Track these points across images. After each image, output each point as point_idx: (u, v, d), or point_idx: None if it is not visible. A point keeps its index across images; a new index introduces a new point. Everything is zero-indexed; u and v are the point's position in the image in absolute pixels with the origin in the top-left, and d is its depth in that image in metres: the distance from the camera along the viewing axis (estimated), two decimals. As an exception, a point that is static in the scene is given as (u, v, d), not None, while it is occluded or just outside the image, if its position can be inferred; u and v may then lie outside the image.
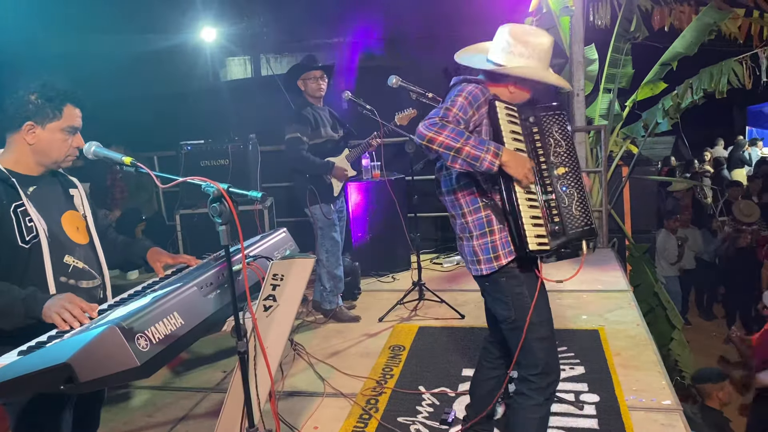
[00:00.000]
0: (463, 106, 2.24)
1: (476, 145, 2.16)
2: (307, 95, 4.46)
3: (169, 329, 1.78)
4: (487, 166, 2.16)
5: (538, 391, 2.38)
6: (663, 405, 3.09)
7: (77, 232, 2.19)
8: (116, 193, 6.45)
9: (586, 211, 2.35)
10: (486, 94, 2.30)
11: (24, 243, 2.00)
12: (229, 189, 1.89)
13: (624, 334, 3.97)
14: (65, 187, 2.26)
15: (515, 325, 2.38)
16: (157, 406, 3.53)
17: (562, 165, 2.36)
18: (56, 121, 2.09)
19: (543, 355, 2.37)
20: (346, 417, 3.19)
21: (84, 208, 2.28)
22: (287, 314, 2.32)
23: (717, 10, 6.24)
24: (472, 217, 2.39)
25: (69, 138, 2.13)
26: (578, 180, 2.38)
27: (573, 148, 2.41)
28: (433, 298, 4.67)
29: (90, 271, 2.18)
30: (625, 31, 6.65)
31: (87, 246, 2.22)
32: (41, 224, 2.04)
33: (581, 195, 2.36)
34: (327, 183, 4.45)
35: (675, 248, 7.57)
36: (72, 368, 1.58)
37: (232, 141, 5.99)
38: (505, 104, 2.32)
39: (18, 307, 1.89)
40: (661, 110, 6.63)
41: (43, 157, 2.11)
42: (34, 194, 2.09)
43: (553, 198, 2.31)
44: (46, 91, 2.07)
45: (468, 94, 2.27)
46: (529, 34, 2.34)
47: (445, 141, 2.15)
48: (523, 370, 2.43)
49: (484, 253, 2.36)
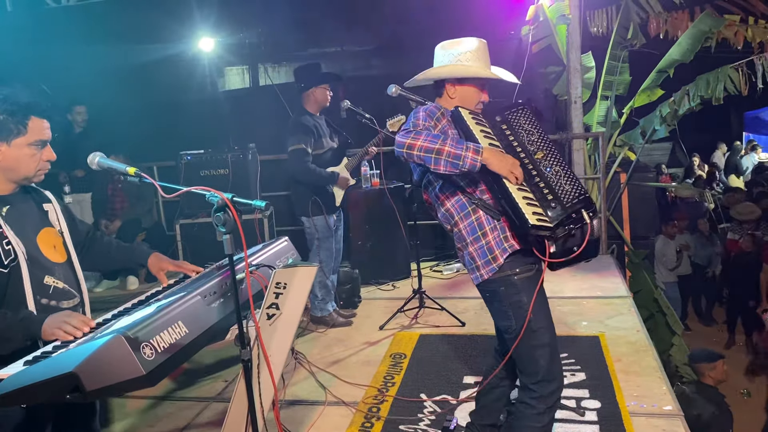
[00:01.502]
0: (425, 118, 2.36)
1: (455, 144, 2.21)
2: (310, 104, 4.44)
3: (174, 338, 1.79)
4: (470, 163, 2.19)
5: (539, 400, 2.37)
6: (664, 411, 3.10)
7: (54, 250, 2.11)
8: (116, 204, 6.46)
9: (576, 182, 2.36)
10: (441, 108, 2.42)
11: (2, 267, 1.92)
12: (233, 198, 1.90)
13: (624, 340, 3.98)
14: (39, 204, 2.16)
15: (516, 334, 2.36)
16: (158, 416, 3.53)
17: (539, 150, 2.41)
18: (21, 136, 1.97)
19: (543, 363, 2.35)
20: (348, 425, 3.19)
21: (60, 223, 2.18)
22: (290, 322, 2.33)
23: (712, 17, 6.30)
24: (464, 224, 2.41)
25: (37, 152, 2.02)
26: (559, 159, 2.41)
27: (545, 134, 2.48)
28: (433, 305, 4.68)
29: (70, 290, 2.10)
30: (622, 39, 6.70)
31: (65, 264, 2.13)
32: (20, 247, 1.96)
33: (566, 171, 2.38)
34: (330, 193, 4.46)
35: (674, 254, 7.59)
36: (78, 377, 1.58)
37: (232, 150, 6.00)
38: (468, 110, 2.42)
39: (17, 331, 1.86)
40: (658, 117, 6.67)
41: (13, 175, 2.02)
42: (9, 214, 2.00)
43: (541, 180, 2.33)
44: (7, 106, 1.96)
45: (423, 110, 2.39)
46: (455, 42, 2.50)
47: (424, 144, 2.21)
48: (524, 378, 2.42)
49: (481, 257, 2.37)
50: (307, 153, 4.30)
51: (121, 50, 7.76)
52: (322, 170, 4.37)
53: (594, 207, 2.35)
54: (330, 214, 4.46)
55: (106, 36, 7.63)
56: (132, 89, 8.19)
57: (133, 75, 8.19)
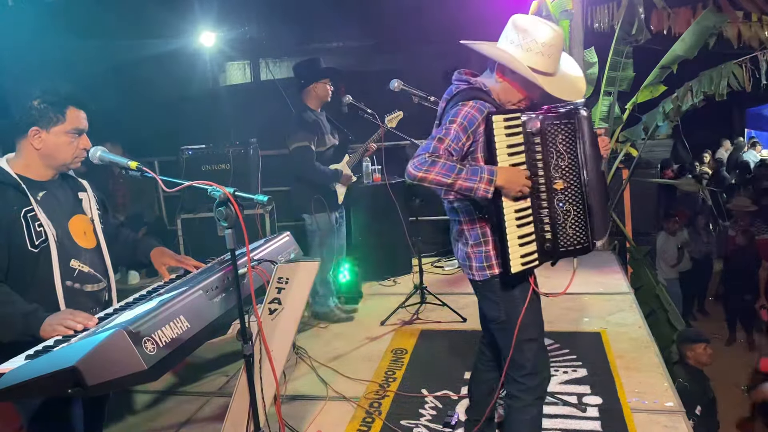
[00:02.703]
0: (457, 134, 2.16)
1: (468, 177, 2.11)
2: (311, 99, 4.42)
3: (176, 333, 1.79)
4: (482, 194, 2.12)
5: (527, 392, 2.40)
6: (665, 407, 3.10)
7: (84, 236, 2.22)
8: (118, 198, 6.45)
9: (582, 229, 2.29)
10: (484, 111, 2.18)
11: (33, 247, 2.04)
12: (235, 193, 1.90)
13: (626, 337, 3.97)
14: (74, 191, 2.29)
15: (504, 325, 2.39)
16: (160, 410, 3.53)
17: (561, 179, 2.26)
18: (60, 124, 2.12)
19: (531, 356, 2.38)
20: (349, 420, 3.20)
21: (92, 211, 2.31)
22: (292, 317, 2.33)
23: (716, 13, 6.26)
24: (467, 227, 2.38)
25: (75, 140, 2.16)
26: (577, 196, 2.29)
27: (576, 161, 2.29)
28: (434, 301, 4.68)
29: (95, 274, 2.21)
30: (626, 35, 6.66)
31: (93, 250, 2.24)
32: (50, 229, 2.08)
33: (578, 212, 2.29)
34: (332, 190, 4.45)
35: (674, 251, 7.58)
36: (79, 372, 1.58)
37: (233, 145, 5.99)
38: (504, 115, 2.18)
39: (17, 322, 1.91)
40: (661, 113, 6.63)
41: (52, 161, 2.15)
42: (44, 199, 2.12)
43: (547, 215, 2.25)
44: (48, 96, 2.11)
45: (464, 119, 2.17)
46: (530, 23, 2.24)
47: (436, 178, 2.10)
48: (511, 371, 2.43)
49: (477, 261, 2.36)
50: (311, 151, 4.28)
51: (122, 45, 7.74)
52: (326, 168, 4.36)
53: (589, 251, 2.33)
54: (332, 212, 4.45)
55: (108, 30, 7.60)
56: (133, 84, 8.18)
57: (135, 69, 8.17)
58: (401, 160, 5.50)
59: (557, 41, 2.24)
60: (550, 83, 2.26)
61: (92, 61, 7.34)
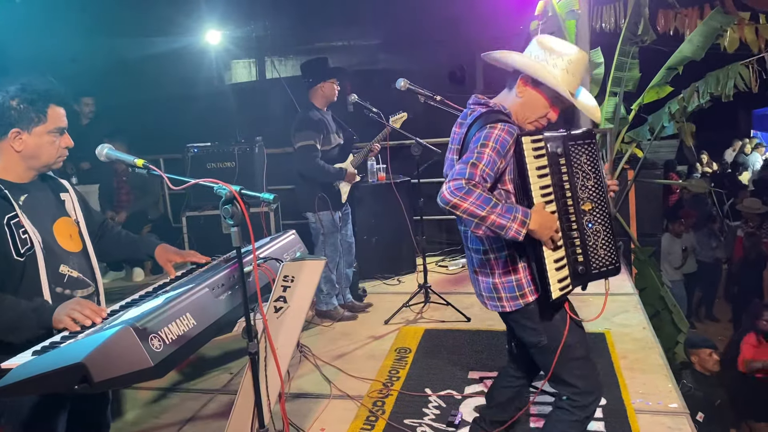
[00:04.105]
0: (491, 159, 2.06)
1: (503, 213, 2.01)
2: (318, 99, 4.43)
3: (182, 330, 1.80)
4: (513, 235, 2.02)
5: (580, 409, 2.34)
6: (669, 408, 3.10)
7: (70, 239, 2.13)
8: (122, 195, 6.47)
9: (612, 249, 2.28)
10: (514, 134, 2.11)
11: (19, 256, 1.94)
12: (241, 191, 1.90)
13: (630, 338, 3.97)
14: (56, 192, 2.19)
15: (547, 348, 2.30)
16: (164, 407, 3.54)
17: (589, 200, 2.24)
18: (42, 124, 2.00)
19: (580, 374, 2.33)
20: (352, 419, 3.20)
21: (76, 212, 2.21)
22: (297, 316, 2.33)
23: (723, 14, 6.24)
24: (495, 255, 2.28)
25: (57, 139, 2.05)
26: (605, 215, 2.28)
27: (602, 181, 2.28)
28: (438, 300, 4.68)
29: (84, 279, 2.13)
30: (632, 35, 6.64)
31: (80, 254, 2.15)
32: (36, 236, 1.98)
33: (607, 231, 2.28)
34: (336, 189, 4.46)
35: (679, 253, 7.57)
36: (86, 368, 1.58)
37: (239, 143, 6.00)
38: (531, 137, 2.14)
39: (30, 319, 1.87)
40: (667, 114, 6.62)
41: (34, 162, 2.05)
42: (26, 203, 2.02)
43: (578, 236, 2.22)
44: (26, 95, 1.98)
45: (495, 143, 2.08)
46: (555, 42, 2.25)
47: (470, 208, 2.00)
48: (563, 388, 2.37)
49: (508, 291, 2.28)
50: (316, 149, 4.29)
51: (128, 42, 7.76)
52: (331, 167, 4.37)
53: (619, 272, 2.32)
54: (336, 210, 4.46)
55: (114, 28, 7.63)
56: (139, 81, 8.21)
57: (141, 67, 8.19)
58: (406, 159, 5.49)
59: (582, 61, 2.23)
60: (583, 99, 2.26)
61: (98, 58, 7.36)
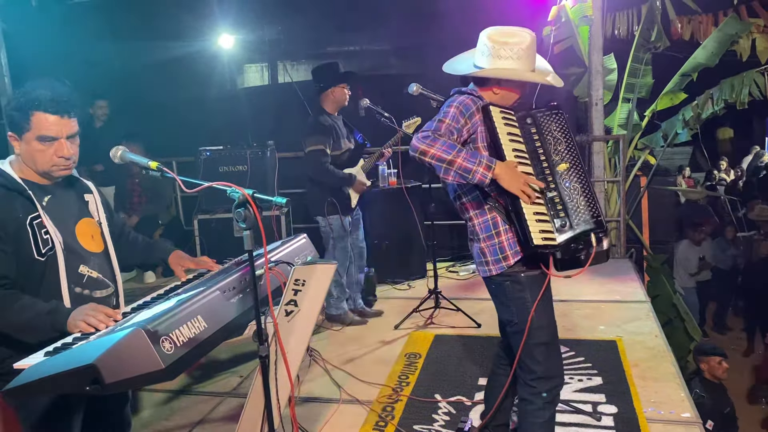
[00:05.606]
0: (455, 116, 2.30)
1: (468, 157, 2.20)
2: (329, 103, 4.43)
3: (193, 332, 1.79)
4: (479, 178, 2.19)
5: (537, 396, 2.42)
6: (682, 417, 3.06)
7: (92, 240, 2.14)
8: (134, 198, 6.50)
9: (592, 203, 2.35)
10: (477, 102, 2.35)
11: (40, 256, 1.96)
12: (254, 195, 1.90)
13: (642, 345, 3.93)
14: (80, 194, 2.20)
15: (517, 328, 2.42)
16: (174, 409, 3.55)
17: (563, 161, 2.38)
18: (28, 131, 1.96)
19: (542, 359, 2.40)
20: (362, 424, 3.19)
21: (99, 214, 2.22)
22: (308, 319, 2.33)
23: (739, 20, 6.20)
24: (478, 220, 2.44)
25: (46, 148, 1.97)
26: (581, 175, 2.39)
27: (574, 144, 2.43)
28: (449, 306, 4.66)
29: (104, 280, 2.14)
30: (645, 41, 6.62)
31: (101, 254, 2.17)
32: (57, 236, 1.99)
33: (585, 188, 2.37)
34: (345, 194, 4.46)
35: (696, 260, 7.50)
36: (98, 370, 1.58)
37: (251, 147, 6.03)
38: (500, 108, 2.37)
39: (44, 321, 1.88)
40: (681, 120, 6.59)
41: (33, 167, 2.02)
42: (49, 204, 2.03)
43: (557, 194, 2.32)
44: (14, 101, 1.96)
45: (459, 104, 2.33)
46: (506, 35, 2.39)
47: (437, 153, 2.20)
48: (523, 374, 2.46)
49: (492, 254, 2.40)
50: (325, 154, 4.30)
51: (142, 46, 7.83)
52: (340, 171, 4.37)
53: (605, 229, 2.34)
54: (345, 215, 4.46)
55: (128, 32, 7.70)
56: (153, 85, 8.28)
57: (154, 71, 8.26)
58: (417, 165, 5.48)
59: (534, 39, 2.42)
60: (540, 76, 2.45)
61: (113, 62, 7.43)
